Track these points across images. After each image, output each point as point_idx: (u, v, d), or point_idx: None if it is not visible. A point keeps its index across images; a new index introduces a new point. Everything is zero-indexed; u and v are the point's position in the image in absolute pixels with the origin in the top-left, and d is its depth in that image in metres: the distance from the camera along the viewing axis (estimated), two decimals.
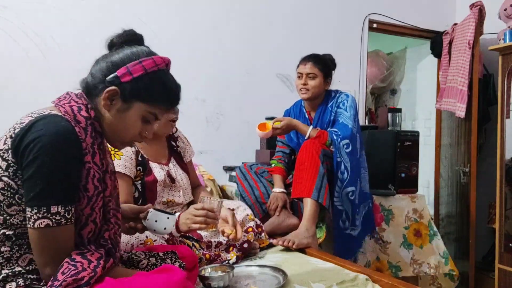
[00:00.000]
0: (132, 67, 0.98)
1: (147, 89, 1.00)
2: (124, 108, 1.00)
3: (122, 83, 0.98)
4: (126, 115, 1.01)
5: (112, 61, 1.00)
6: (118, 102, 0.99)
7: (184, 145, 1.86)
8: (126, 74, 0.98)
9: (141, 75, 0.99)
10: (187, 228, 1.36)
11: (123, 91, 0.98)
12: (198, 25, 2.82)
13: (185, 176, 1.77)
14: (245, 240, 1.69)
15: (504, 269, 2.64)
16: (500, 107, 2.73)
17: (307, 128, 2.12)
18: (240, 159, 2.85)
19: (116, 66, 0.99)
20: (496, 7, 2.99)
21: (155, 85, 1.01)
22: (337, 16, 3.27)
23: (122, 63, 0.99)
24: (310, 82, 2.18)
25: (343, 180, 2.03)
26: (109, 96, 0.98)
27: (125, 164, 1.54)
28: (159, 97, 1.02)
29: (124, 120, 1.01)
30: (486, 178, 3.18)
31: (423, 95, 4.03)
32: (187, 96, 1.58)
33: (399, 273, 2.36)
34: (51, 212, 0.86)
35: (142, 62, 0.99)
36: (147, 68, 0.99)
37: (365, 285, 1.36)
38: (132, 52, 1.01)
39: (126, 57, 1.00)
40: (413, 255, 2.41)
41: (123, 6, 2.60)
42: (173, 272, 0.91)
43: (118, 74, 0.98)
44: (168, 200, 1.67)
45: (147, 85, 1.00)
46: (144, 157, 1.64)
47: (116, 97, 0.99)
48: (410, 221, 2.47)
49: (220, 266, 1.39)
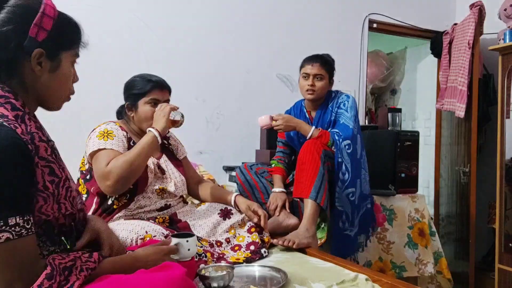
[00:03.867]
0: (40, 21, 0.90)
1: (64, 35, 0.95)
2: (55, 66, 0.95)
3: (41, 42, 0.90)
4: (59, 71, 0.96)
5: (11, 24, 0.87)
6: (46, 62, 0.93)
7: (176, 143, 1.91)
8: (40, 31, 0.90)
9: (52, 25, 0.92)
10: (164, 124, 1.54)
11: (47, 50, 0.91)
12: (198, 25, 2.82)
13: (177, 171, 1.77)
14: (250, 242, 1.69)
15: (504, 269, 2.64)
16: (500, 107, 2.73)
17: (309, 128, 2.12)
18: (240, 159, 2.85)
19: (22, 27, 0.88)
20: (496, 7, 3.00)
21: (66, 27, 0.96)
22: (337, 16, 3.26)
23: (25, 22, 0.88)
24: (317, 83, 2.18)
25: (344, 181, 2.03)
26: (37, 62, 0.90)
27: (118, 144, 1.56)
28: (76, 36, 0.99)
29: (59, 77, 0.96)
30: (486, 178, 3.18)
31: (423, 95, 4.04)
32: (187, 96, 1.59)
33: (404, 274, 2.34)
34: (9, 225, 0.79)
35: (44, 11, 0.91)
36: (52, 15, 0.92)
37: (365, 285, 1.36)
38: (21, 5, 0.89)
39: (20, 14, 0.89)
40: (419, 255, 2.39)
41: (122, 5, 2.60)
42: (174, 269, 0.91)
43: (32, 36, 0.89)
44: (161, 188, 1.67)
45: (62, 31, 0.94)
46: (136, 143, 1.65)
47: (43, 59, 0.92)
48: (413, 220, 2.46)
49: (220, 265, 1.39)
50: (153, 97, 1.66)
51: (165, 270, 0.91)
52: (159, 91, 1.68)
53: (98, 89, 2.40)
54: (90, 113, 2.26)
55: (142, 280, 0.86)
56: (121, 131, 1.64)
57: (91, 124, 1.69)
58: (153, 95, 1.67)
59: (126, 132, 1.66)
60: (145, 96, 1.66)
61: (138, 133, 1.72)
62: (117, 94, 1.77)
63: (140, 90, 1.67)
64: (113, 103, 1.82)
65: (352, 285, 1.36)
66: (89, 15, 2.49)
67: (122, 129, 1.66)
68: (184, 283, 0.89)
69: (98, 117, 1.80)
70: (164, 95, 1.71)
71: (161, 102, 1.68)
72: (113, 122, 1.67)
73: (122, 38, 2.57)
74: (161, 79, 1.72)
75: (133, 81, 1.70)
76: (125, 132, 1.66)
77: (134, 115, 1.69)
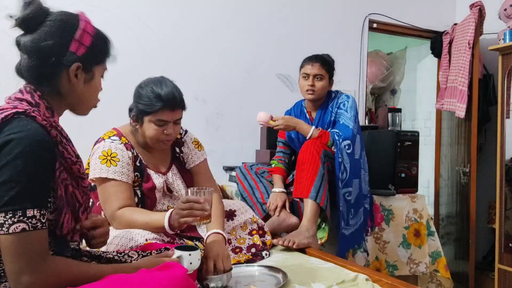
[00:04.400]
0: (81, 38, 0.99)
1: (100, 51, 1.05)
2: (89, 78, 1.03)
3: (80, 56, 0.99)
4: (92, 82, 1.05)
5: (52, 39, 0.95)
6: (81, 75, 1.01)
7: (189, 151, 1.74)
8: (80, 47, 0.99)
9: (90, 41, 1.01)
10: (178, 224, 1.31)
11: (84, 63, 1.00)
12: (198, 25, 2.82)
13: (184, 186, 1.68)
14: (251, 244, 1.68)
15: (504, 269, 2.64)
16: (500, 107, 2.73)
17: (309, 128, 2.12)
18: (240, 159, 2.85)
19: (64, 42, 0.96)
20: (496, 7, 3.00)
21: (101, 44, 1.06)
22: (337, 16, 3.26)
23: (68, 37, 0.97)
24: (317, 84, 2.19)
25: (343, 181, 2.03)
26: (75, 74, 0.99)
27: (121, 171, 1.49)
28: (108, 52, 1.08)
29: (91, 87, 1.05)
30: (486, 178, 3.18)
31: (423, 95, 4.03)
32: (187, 96, 1.58)
33: (395, 272, 2.37)
34: (27, 216, 0.82)
35: (85, 29, 1.00)
36: (91, 32, 1.02)
37: (365, 285, 1.36)
38: (62, 20, 0.98)
39: (62, 28, 0.97)
40: (411, 255, 2.41)
41: (123, 6, 2.60)
42: (176, 269, 0.91)
43: (72, 51, 0.98)
44: (169, 208, 1.62)
45: (98, 47, 1.04)
46: (143, 163, 1.58)
47: (79, 71, 1.00)
48: (410, 221, 2.47)
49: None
50: (160, 118, 1.48)
51: (166, 270, 0.91)
52: (168, 112, 1.48)
53: None
54: (90, 113, 2.25)
55: (144, 280, 0.86)
56: (126, 151, 1.53)
57: (91, 124, 1.68)
58: (160, 116, 1.47)
59: (132, 150, 1.55)
60: (151, 115, 1.48)
61: (145, 144, 1.60)
62: (117, 94, 1.76)
63: (146, 107, 1.47)
64: (113, 104, 1.80)
65: (352, 285, 1.36)
66: (89, 15, 2.49)
67: (127, 147, 1.54)
68: (186, 282, 0.89)
69: (98, 117, 1.79)
70: (174, 115, 1.51)
71: (169, 122, 1.51)
72: (119, 137, 1.55)
73: (122, 38, 2.57)
74: (173, 96, 1.47)
75: (144, 92, 1.49)
76: (130, 151, 1.54)
77: (139, 127, 1.55)
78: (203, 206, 1.28)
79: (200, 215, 1.28)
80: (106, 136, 1.56)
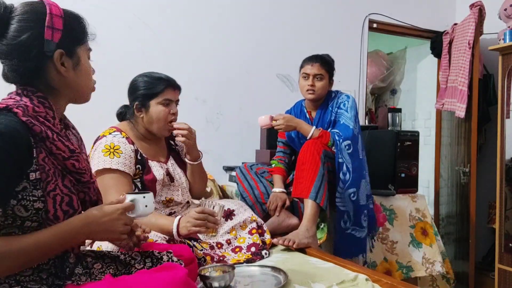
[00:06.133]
0: (52, 23, 0.93)
1: (76, 30, 1.00)
2: (76, 62, 0.99)
3: (57, 42, 0.94)
4: (81, 66, 1.01)
5: (26, 32, 0.90)
6: (68, 61, 0.97)
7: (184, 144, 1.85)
8: (55, 32, 0.93)
9: (63, 23, 0.95)
10: (187, 232, 1.38)
11: (65, 48, 0.96)
12: (198, 25, 2.82)
13: (183, 175, 1.77)
14: (251, 243, 1.68)
15: (504, 269, 2.64)
16: (500, 107, 2.73)
17: (310, 128, 2.12)
18: (240, 159, 2.85)
19: (37, 33, 0.91)
20: (496, 7, 3.00)
21: (75, 23, 1.00)
22: (337, 16, 3.26)
23: (40, 26, 0.91)
24: (317, 83, 2.19)
25: (345, 181, 2.03)
26: (60, 63, 0.95)
27: (124, 162, 1.54)
28: (84, 28, 1.03)
29: (82, 71, 1.01)
30: (486, 178, 3.18)
31: (423, 95, 4.03)
32: (187, 96, 1.59)
33: (411, 274, 2.32)
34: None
35: (51, 12, 0.94)
36: (59, 14, 0.95)
37: (365, 285, 1.36)
38: (27, 11, 0.92)
39: (30, 20, 0.91)
40: (424, 254, 2.38)
41: (123, 6, 2.60)
42: (176, 270, 0.91)
43: (48, 38, 0.92)
44: (167, 199, 1.67)
45: (72, 27, 0.98)
46: (143, 156, 1.64)
47: (64, 58, 0.96)
48: (414, 220, 2.45)
49: (221, 266, 1.39)
50: (166, 97, 1.62)
51: (167, 271, 0.91)
52: (171, 91, 1.64)
53: (97, 89, 2.39)
54: (90, 114, 2.25)
55: (144, 281, 0.86)
56: (129, 144, 1.59)
57: (90, 124, 1.68)
58: (166, 95, 1.62)
59: (133, 144, 1.61)
60: (158, 96, 1.61)
61: (145, 136, 1.68)
62: (116, 95, 1.76)
63: (151, 90, 1.61)
64: (112, 104, 1.80)
65: (352, 285, 1.36)
66: (89, 15, 2.49)
67: (129, 141, 1.60)
68: (186, 283, 0.89)
69: (97, 117, 1.80)
70: (175, 95, 1.67)
71: (173, 102, 1.65)
72: (119, 132, 1.61)
73: (122, 38, 2.57)
74: (171, 78, 1.67)
75: (142, 81, 1.63)
76: (132, 145, 1.60)
77: (144, 116, 1.64)
78: (216, 220, 1.37)
79: (212, 228, 1.37)
80: (107, 132, 1.61)
